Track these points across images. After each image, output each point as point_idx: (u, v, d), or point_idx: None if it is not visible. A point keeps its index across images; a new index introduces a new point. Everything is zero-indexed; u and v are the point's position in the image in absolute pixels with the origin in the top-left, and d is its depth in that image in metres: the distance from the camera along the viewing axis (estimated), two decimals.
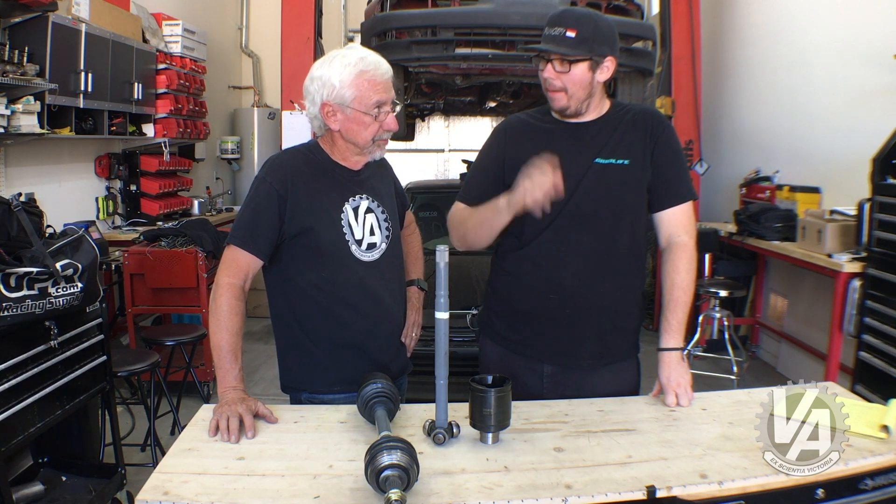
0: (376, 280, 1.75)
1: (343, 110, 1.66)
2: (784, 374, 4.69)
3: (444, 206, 5.02)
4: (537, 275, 1.74)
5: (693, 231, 1.74)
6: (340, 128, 1.68)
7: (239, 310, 1.62)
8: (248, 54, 7.82)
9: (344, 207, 1.71)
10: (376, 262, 1.74)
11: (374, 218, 1.76)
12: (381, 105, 1.65)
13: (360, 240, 1.71)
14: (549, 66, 1.66)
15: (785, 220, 4.20)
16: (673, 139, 1.75)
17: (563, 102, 1.68)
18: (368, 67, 1.63)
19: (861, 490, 1.31)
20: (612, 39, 1.68)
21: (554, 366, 1.77)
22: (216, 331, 1.59)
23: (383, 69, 1.66)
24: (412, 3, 3.79)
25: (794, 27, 4.76)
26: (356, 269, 1.71)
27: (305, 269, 1.70)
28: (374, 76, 1.64)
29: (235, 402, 1.48)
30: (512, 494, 1.19)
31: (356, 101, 1.64)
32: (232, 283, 1.63)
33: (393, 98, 1.68)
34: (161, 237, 4.18)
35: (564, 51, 1.62)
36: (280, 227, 1.66)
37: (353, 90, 1.63)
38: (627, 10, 3.95)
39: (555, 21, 1.64)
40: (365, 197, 1.75)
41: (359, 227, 1.72)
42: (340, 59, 1.65)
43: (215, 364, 1.58)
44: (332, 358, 1.72)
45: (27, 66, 3.47)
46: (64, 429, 2.40)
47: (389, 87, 1.67)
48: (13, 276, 1.95)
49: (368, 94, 1.63)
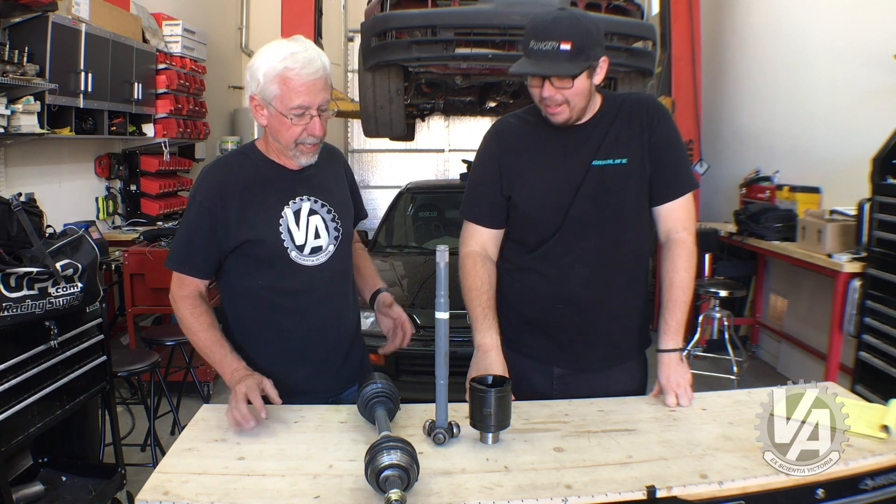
0: (324, 283, 1.68)
1: (267, 107, 1.55)
2: (784, 374, 4.69)
3: (444, 206, 5.03)
4: (544, 285, 1.71)
5: (693, 227, 1.70)
6: (267, 124, 1.58)
7: (201, 310, 1.63)
8: (248, 54, 7.82)
9: (283, 212, 1.62)
10: (324, 265, 1.67)
11: (320, 219, 1.67)
12: (304, 108, 1.52)
13: (302, 245, 1.63)
14: (548, 84, 1.54)
15: (785, 220, 4.20)
16: (670, 127, 1.68)
17: (566, 116, 1.60)
18: (294, 65, 1.49)
19: (861, 490, 1.31)
20: (600, 38, 1.58)
21: (564, 368, 1.76)
22: (191, 337, 1.63)
23: (312, 69, 1.50)
24: (412, 3, 3.78)
25: (794, 27, 4.76)
26: (299, 274, 1.64)
27: (246, 277, 1.66)
28: (298, 75, 1.49)
29: (240, 381, 1.48)
30: (512, 494, 1.19)
31: (277, 100, 1.52)
32: (185, 296, 1.65)
33: (321, 102, 1.54)
34: (161, 237, 4.18)
35: (567, 69, 1.50)
36: (217, 243, 1.61)
37: (276, 88, 1.51)
38: (627, 10, 3.94)
39: (542, 34, 1.50)
40: (307, 198, 1.66)
41: (300, 232, 1.63)
42: (272, 51, 1.52)
43: (209, 362, 1.61)
44: (273, 366, 1.61)
45: (27, 66, 3.47)
46: (64, 429, 2.39)
47: (317, 90, 1.51)
48: (13, 276, 1.95)
49: (289, 96, 1.50)
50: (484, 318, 1.69)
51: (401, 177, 7.46)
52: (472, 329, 1.70)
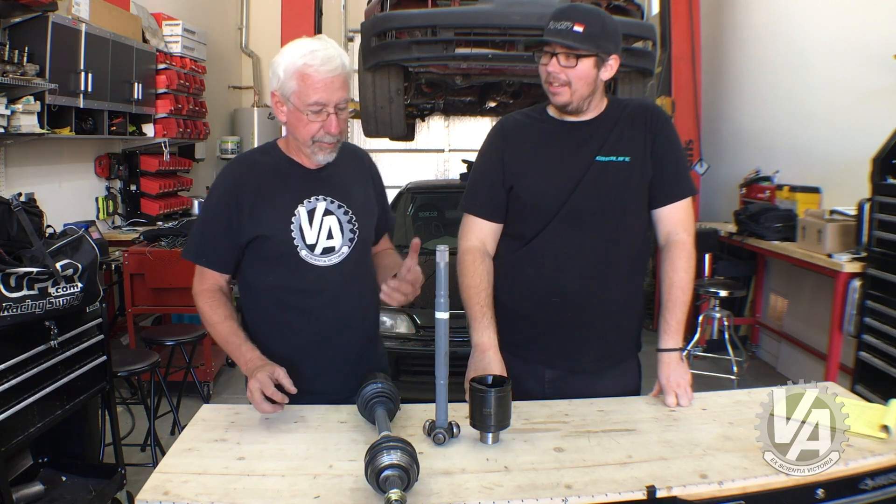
0: (336, 285, 1.67)
1: (286, 103, 1.57)
2: (784, 374, 4.69)
3: (444, 206, 5.03)
4: (539, 279, 1.72)
5: (692, 229, 1.72)
6: (286, 120, 1.60)
7: (219, 302, 1.66)
8: (248, 54, 7.83)
9: (296, 211, 1.62)
10: (337, 267, 1.66)
11: (335, 220, 1.66)
12: (321, 105, 1.53)
13: (313, 244, 1.63)
14: (554, 60, 1.61)
15: (785, 220, 4.20)
16: (672, 133, 1.73)
17: (566, 98, 1.64)
18: (313, 62, 1.50)
19: (861, 490, 1.31)
20: (617, 38, 1.66)
21: (556, 370, 1.76)
22: (210, 329, 1.66)
23: (330, 66, 1.51)
24: (412, 3, 3.78)
25: (794, 27, 4.76)
26: (309, 274, 1.64)
27: (258, 274, 1.68)
28: (316, 72, 1.50)
29: (254, 373, 1.50)
30: (512, 494, 1.19)
31: (295, 96, 1.53)
32: (204, 290, 1.68)
33: (339, 100, 1.54)
34: (161, 237, 4.18)
35: (572, 44, 1.57)
36: (231, 237, 1.63)
37: (294, 84, 1.52)
38: (627, 10, 3.94)
39: (562, 15, 1.59)
40: (323, 198, 1.65)
41: (312, 232, 1.63)
42: (294, 48, 1.54)
43: (228, 353, 1.64)
44: (282, 364, 1.58)
45: (27, 66, 3.48)
46: (64, 429, 2.39)
47: (335, 88, 1.52)
48: (13, 276, 1.95)
49: (307, 92, 1.51)
50: (482, 316, 1.69)
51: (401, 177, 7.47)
52: (470, 328, 1.71)
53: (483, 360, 1.64)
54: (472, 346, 1.69)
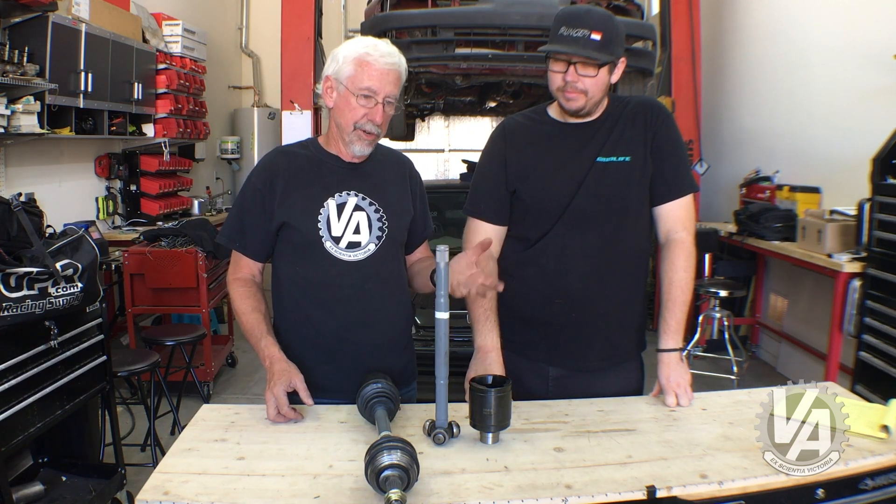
0: (358, 281, 1.66)
1: (338, 87, 1.62)
2: (784, 374, 4.69)
3: (444, 206, 5.02)
4: (542, 279, 1.72)
5: (692, 227, 1.72)
6: (334, 105, 1.64)
7: (249, 292, 1.69)
8: (248, 54, 7.82)
9: (326, 203, 1.65)
10: (361, 263, 1.65)
11: (364, 216, 1.66)
12: (372, 92, 1.59)
13: (339, 237, 1.64)
14: (573, 69, 1.59)
15: (785, 220, 4.20)
16: (672, 130, 1.71)
17: (581, 104, 1.63)
18: (374, 52, 1.59)
19: (861, 490, 1.31)
20: (622, 39, 1.64)
21: (560, 368, 1.76)
22: (238, 318, 1.69)
23: (389, 59, 1.59)
24: (412, 3, 3.79)
25: (794, 27, 4.76)
26: (331, 267, 1.64)
27: (285, 263, 1.70)
28: (375, 60, 1.58)
29: (271, 379, 1.52)
30: (512, 494, 1.19)
31: (349, 80, 1.59)
32: (237, 279, 1.72)
33: (388, 95, 1.60)
34: (161, 237, 4.18)
35: (595, 56, 1.55)
36: (264, 223, 1.67)
37: (351, 68, 1.59)
38: (627, 10, 3.95)
39: (576, 21, 1.56)
40: (355, 194, 1.67)
41: (339, 224, 1.64)
42: (357, 40, 1.64)
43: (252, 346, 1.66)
44: (302, 357, 1.62)
45: (27, 66, 3.47)
46: (64, 429, 2.40)
47: (388, 80, 1.60)
48: (13, 276, 1.95)
49: (361, 77, 1.58)
50: (486, 319, 1.69)
51: None
52: (473, 330, 1.71)
53: (485, 362, 1.64)
54: (475, 348, 1.69)
